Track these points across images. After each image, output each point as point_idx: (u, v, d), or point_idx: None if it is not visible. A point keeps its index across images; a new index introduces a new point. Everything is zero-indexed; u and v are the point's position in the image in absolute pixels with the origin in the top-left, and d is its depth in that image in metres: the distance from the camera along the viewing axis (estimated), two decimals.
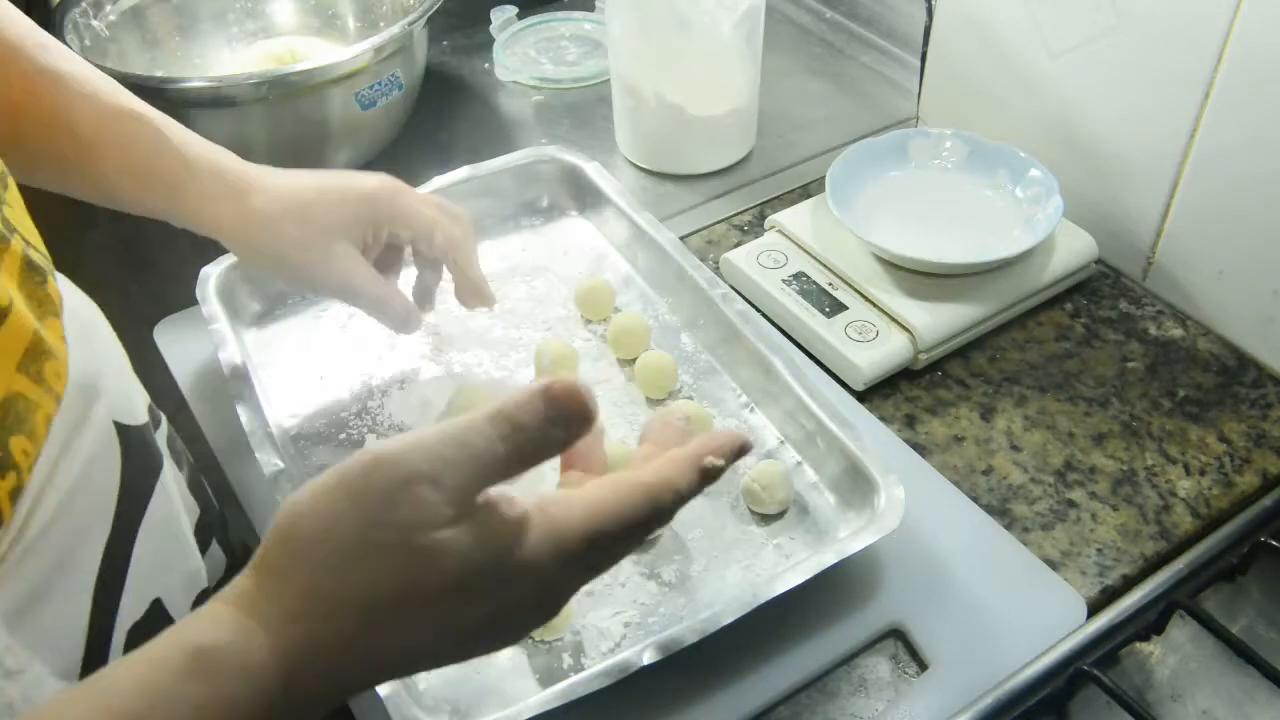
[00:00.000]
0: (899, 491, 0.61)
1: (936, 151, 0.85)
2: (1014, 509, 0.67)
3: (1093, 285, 0.82)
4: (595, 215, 0.84)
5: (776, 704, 0.57)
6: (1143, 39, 0.74)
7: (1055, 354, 0.77)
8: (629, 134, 0.96)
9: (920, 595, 0.61)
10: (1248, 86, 0.69)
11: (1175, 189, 0.76)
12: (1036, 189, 0.81)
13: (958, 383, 0.75)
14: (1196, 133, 0.73)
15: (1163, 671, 0.61)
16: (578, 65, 1.08)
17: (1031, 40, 0.82)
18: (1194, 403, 0.73)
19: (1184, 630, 0.62)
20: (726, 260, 0.82)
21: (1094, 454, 0.70)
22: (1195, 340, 0.77)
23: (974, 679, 0.57)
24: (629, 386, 0.72)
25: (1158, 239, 0.79)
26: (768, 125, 0.98)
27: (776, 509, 0.64)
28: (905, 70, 1.03)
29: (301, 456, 0.68)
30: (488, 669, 0.58)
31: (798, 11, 1.16)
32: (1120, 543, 0.65)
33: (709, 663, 0.57)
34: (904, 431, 0.71)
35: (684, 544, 0.63)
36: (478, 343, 0.76)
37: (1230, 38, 0.69)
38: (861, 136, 0.88)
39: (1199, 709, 0.59)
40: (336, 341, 0.76)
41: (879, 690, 0.58)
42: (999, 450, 0.70)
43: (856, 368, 0.73)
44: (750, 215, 0.90)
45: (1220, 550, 0.64)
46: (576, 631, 0.59)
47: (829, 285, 0.78)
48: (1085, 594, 0.62)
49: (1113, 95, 0.78)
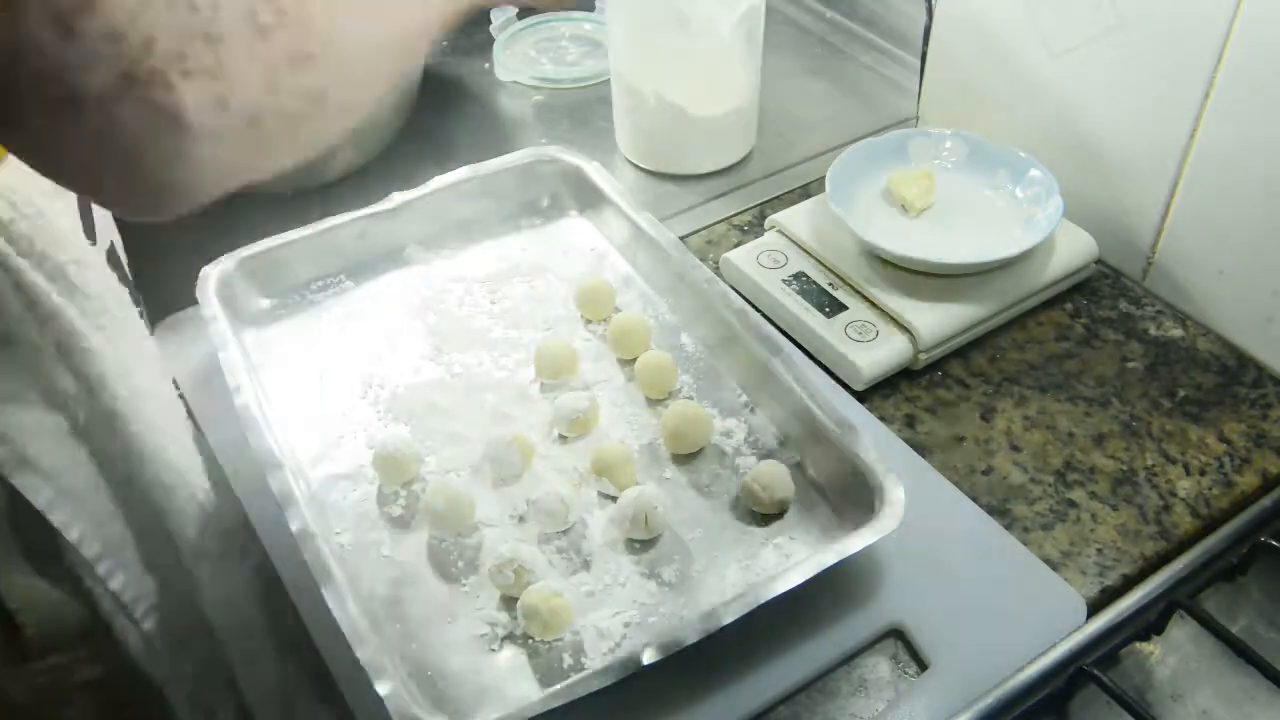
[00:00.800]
0: (899, 491, 0.61)
1: (936, 151, 0.85)
2: (1014, 509, 0.67)
3: (1093, 285, 0.82)
4: (595, 215, 0.84)
5: (776, 704, 0.57)
6: (1143, 39, 0.74)
7: (1055, 354, 0.77)
8: (629, 134, 0.96)
9: (920, 595, 0.61)
10: (1248, 86, 0.69)
11: (1175, 189, 0.76)
12: (1036, 189, 0.81)
13: (958, 383, 0.75)
14: (1196, 133, 0.73)
15: (1163, 671, 0.61)
16: (578, 65, 1.08)
17: (1031, 40, 0.82)
18: (1194, 403, 0.73)
19: (1184, 630, 0.62)
20: (726, 260, 0.82)
21: (1094, 454, 0.70)
22: (1195, 340, 0.77)
23: (974, 679, 0.57)
24: (629, 386, 0.72)
25: (1158, 239, 0.79)
26: (768, 125, 0.98)
27: (776, 509, 0.64)
28: (905, 70, 1.03)
29: (301, 456, 0.68)
30: (488, 669, 0.58)
31: (798, 11, 1.16)
32: (1120, 543, 0.65)
33: (709, 663, 0.57)
34: (904, 431, 0.71)
35: (684, 544, 0.63)
36: (478, 343, 0.76)
37: (1230, 38, 0.69)
38: (861, 136, 0.88)
39: (1199, 709, 0.59)
40: (336, 341, 0.76)
41: (879, 690, 0.58)
42: (999, 450, 0.70)
43: (856, 368, 0.73)
44: (750, 215, 0.90)
45: (1220, 550, 0.64)
46: (576, 631, 0.59)
47: (829, 285, 0.78)
48: (1085, 594, 0.62)
49: (1113, 95, 0.78)
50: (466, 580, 0.62)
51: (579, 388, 0.72)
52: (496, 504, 0.66)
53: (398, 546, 0.64)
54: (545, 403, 0.71)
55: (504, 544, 0.61)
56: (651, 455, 0.68)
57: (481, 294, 0.79)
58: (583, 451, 0.68)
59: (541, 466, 0.68)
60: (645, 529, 0.62)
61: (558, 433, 0.69)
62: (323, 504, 0.65)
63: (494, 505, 0.66)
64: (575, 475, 0.67)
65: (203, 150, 0.38)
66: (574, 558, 0.63)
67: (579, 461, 0.67)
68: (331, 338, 0.77)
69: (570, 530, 0.64)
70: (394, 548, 0.64)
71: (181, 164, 0.38)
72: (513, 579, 0.59)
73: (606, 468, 0.65)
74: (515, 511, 0.65)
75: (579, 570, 0.62)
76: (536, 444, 0.68)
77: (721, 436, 0.69)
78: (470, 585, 0.62)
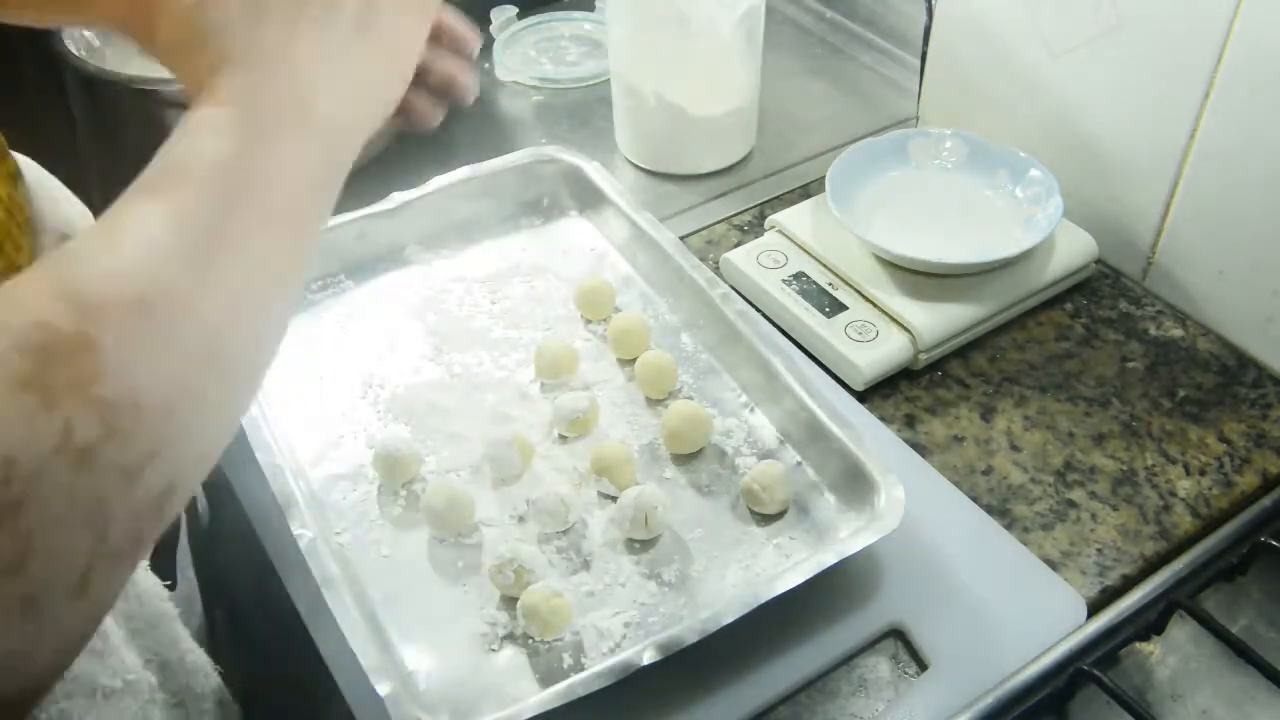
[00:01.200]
0: (899, 491, 0.61)
1: (936, 151, 0.85)
2: (1014, 509, 0.67)
3: (1093, 285, 0.82)
4: (595, 215, 0.84)
5: (776, 704, 0.57)
6: (1143, 39, 0.74)
7: (1055, 354, 0.77)
8: (629, 134, 0.96)
9: (920, 595, 0.61)
10: (1248, 86, 0.69)
11: (1175, 189, 0.76)
12: (1036, 189, 0.81)
13: (958, 383, 0.75)
14: (1196, 133, 0.73)
15: (1163, 671, 0.61)
16: (578, 65, 1.08)
17: (1031, 40, 0.82)
18: (1194, 403, 0.73)
19: (1184, 630, 0.62)
20: (726, 260, 0.82)
21: (1094, 454, 0.70)
22: (1195, 340, 0.77)
23: (974, 679, 0.57)
24: (629, 386, 0.72)
25: (1158, 239, 0.79)
26: (768, 125, 0.98)
27: (776, 509, 0.64)
28: (905, 70, 1.03)
29: (301, 456, 0.68)
30: (488, 669, 0.58)
31: (798, 11, 1.16)
32: (1120, 543, 0.65)
33: (709, 663, 0.57)
34: (904, 431, 0.71)
35: (684, 544, 0.63)
36: (478, 343, 0.76)
37: (1230, 38, 0.69)
38: (861, 136, 0.88)
39: (1199, 709, 0.59)
40: (336, 341, 0.76)
41: (879, 690, 0.58)
42: (999, 450, 0.70)
43: (856, 368, 0.73)
44: (750, 215, 0.90)
45: (1220, 550, 0.64)
46: (576, 631, 0.59)
47: (829, 285, 0.78)
48: (1085, 594, 0.62)
49: (1113, 95, 0.78)
50: (466, 580, 0.62)
51: (579, 388, 0.72)
52: (496, 504, 0.66)
53: (398, 546, 0.64)
54: (545, 403, 0.71)
55: (504, 544, 0.61)
56: (651, 455, 0.68)
57: (481, 294, 0.79)
58: (583, 451, 0.68)
59: (541, 466, 0.68)
60: (645, 529, 0.62)
61: (558, 433, 0.69)
62: (323, 504, 0.65)
63: (494, 505, 0.66)
64: (575, 475, 0.67)
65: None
66: (574, 558, 0.63)
67: (579, 461, 0.67)
68: (331, 338, 0.77)
69: (570, 530, 0.64)
70: (394, 548, 0.64)
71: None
72: (513, 579, 0.59)
73: (606, 468, 0.65)
74: (515, 511, 0.65)
75: (579, 570, 0.62)
76: (536, 444, 0.68)
77: (721, 436, 0.69)
78: (470, 585, 0.62)
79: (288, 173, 0.39)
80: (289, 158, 0.39)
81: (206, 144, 0.37)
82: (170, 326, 0.34)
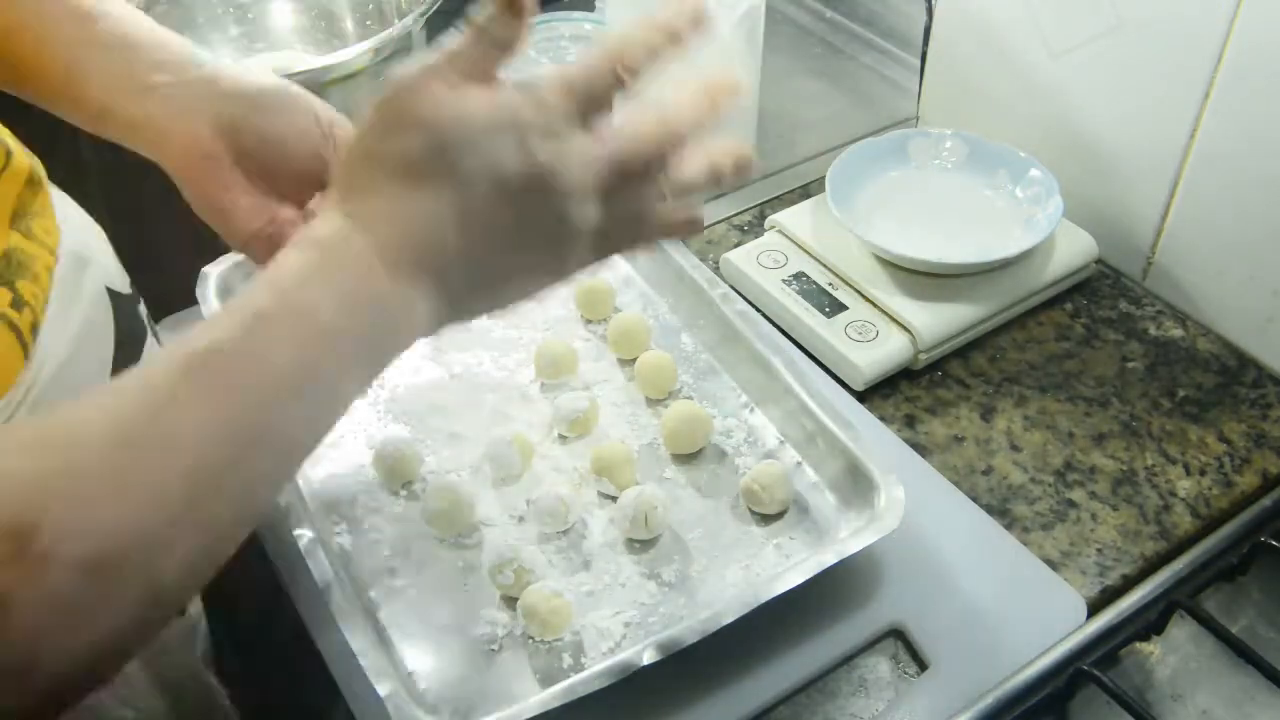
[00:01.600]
0: (899, 491, 0.61)
1: (936, 151, 0.85)
2: (1014, 509, 0.67)
3: (1093, 285, 0.82)
4: None
5: (776, 704, 0.57)
6: (1143, 39, 0.74)
7: (1055, 354, 0.77)
8: None
9: (920, 595, 0.61)
10: (1248, 86, 0.69)
11: (1175, 189, 0.76)
12: (1036, 189, 0.81)
13: (958, 383, 0.75)
14: (1196, 133, 0.73)
15: (1163, 671, 0.61)
16: None
17: (1031, 40, 0.82)
18: (1194, 403, 0.73)
19: (1184, 630, 0.62)
20: (726, 260, 0.82)
21: (1094, 454, 0.70)
22: (1195, 340, 0.77)
23: (974, 679, 0.57)
24: (629, 386, 0.72)
25: (1158, 239, 0.79)
26: (768, 125, 0.98)
27: (776, 509, 0.64)
28: (905, 70, 1.03)
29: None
30: (488, 669, 0.58)
31: (798, 11, 1.16)
32: (1120, 543, 0.65)
33: (709, 663, 0.57)
34: (904, 431, 0.71)
35: (684, 544, 0.63)
36: (478, 343, 0.76)
37: (1230, 38, 0.69)
38: (861, 136, 0.88)
39: (1199, 709, 0.59)
40: None
41: (879, 690, 0.58)
42: (999, 450, 0.70)
43: (856, 368, 0.73)
44: (750, 215, 0.90)
45: (1220, 550, 0.64)
46: (576, 631, 0.59)
47: (829, 285, 0.78)
48: (1085, 594, 0.62)
49: (1113, 95, 0.78)
50: (466, 580, 0.62)
51: (579, 388, 0.72)
52: (496, 504, 0.66)
53: (398, 547, 0.64)
54: (545, 403, 0.71)
55: (504, 544, 0.61)
56: (651, 455, 0.68)
57: None
58: (583, 451, 0.68)
59: (541, 466, 0.68)
60: (645, 529, 0.62)
61: (558, 433, 0.69)
62: (323, 504, 0.65)
63: (494, 505, 0.66)
64: (575, 475, 0.67)
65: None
66: (574, 558, 0.63)
67: (579, 461, 0.67)
68: None
69: (570, 530, 0.64)
70: (394, 548, 0.64)
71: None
72: (513, 579, 0.59)
73: (606, 468, 0.65)
74: (515, 511, 0.65)
75: (579, 570, 0.62)
76: (536, 444, 0.68)
77: (721, 436, 0.69)
78: (470, 585, 0.62)
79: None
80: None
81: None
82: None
